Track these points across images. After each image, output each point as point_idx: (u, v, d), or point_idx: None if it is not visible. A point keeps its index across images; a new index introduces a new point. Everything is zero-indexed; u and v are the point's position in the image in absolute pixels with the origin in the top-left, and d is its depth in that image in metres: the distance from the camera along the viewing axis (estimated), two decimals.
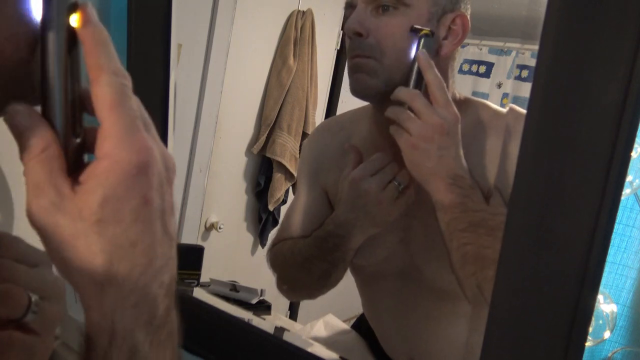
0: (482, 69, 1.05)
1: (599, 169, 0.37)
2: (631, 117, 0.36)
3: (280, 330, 0.72)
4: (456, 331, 0.65)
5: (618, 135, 0.36)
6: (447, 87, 0.61)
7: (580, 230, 0.38)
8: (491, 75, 1.04)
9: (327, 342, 0.79)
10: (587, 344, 0.50)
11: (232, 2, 1.07)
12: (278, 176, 1.30)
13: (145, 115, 0.31)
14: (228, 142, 1.22)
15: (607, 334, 0.56)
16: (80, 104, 0.30)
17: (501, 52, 1.03)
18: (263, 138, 1.26)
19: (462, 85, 1.06)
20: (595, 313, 0.53)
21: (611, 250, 0.53)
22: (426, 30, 0.57)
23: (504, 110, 0.62)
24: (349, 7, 0.62)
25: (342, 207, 0.63)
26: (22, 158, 0.28)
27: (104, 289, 0.28)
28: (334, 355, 0.68)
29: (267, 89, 1.27)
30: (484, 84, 1.07)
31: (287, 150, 1.28)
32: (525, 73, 0.94)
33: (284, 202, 1.33)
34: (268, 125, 1.26)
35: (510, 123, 0.58)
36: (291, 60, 1.24)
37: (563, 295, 0.40)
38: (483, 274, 0.55)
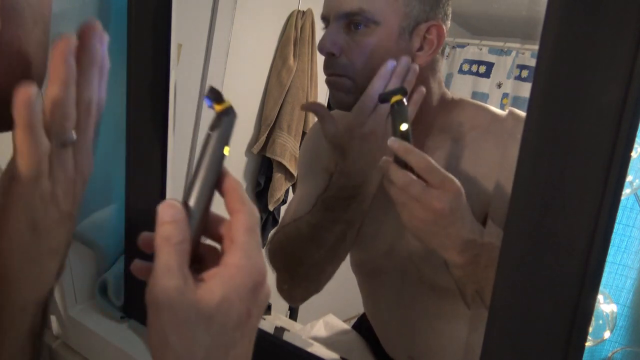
0: (482, 69, 1.05)
1: (599, 169, 0.37)
2: (631, 117, 0.36)
3: (280, 330, 0.72)
4: (455, 330, 0.65)
5: (618, 135, 0.36)
6: (431, 92, 0.61)
7: (580, 230, 0.38)
8: (491, 75, 1.04)
9: (327, 342, 0.79)
10: (587, 344, 0.50)
11: (232, 2, 1.07)
12: (278, 176, 1.31)
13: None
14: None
15: (607, 334, 0.56)
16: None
17: (501, 52, 1.03)
18: (263, 138, 1.27)
19: (462, 85, 1.06)
20: (595, 313, 0.53)
21: (611, 250, 0.53)
22: (397, 97, 0.52)
23: (504, 113, 0.61)
24: (324, 20, 0.62)
25: (349, 158, 0.62)
26: (158, 239, 0.33)
27: None
28: (334, 355, 0.68)
29: (267, 89, 1.27)
30: (484, 84, 1.07)
31: (287, 150, 1.28)
32: (525, 73, 0.94)
33: (284, 202, 1.33)
34: (268, 125, 1.26)
35: (510, 129, 0.57)
36: (291, 60, 1.24)
37: (563, 295, 0.40)
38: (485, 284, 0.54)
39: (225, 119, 0.38)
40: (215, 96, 0.38)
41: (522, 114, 0.40)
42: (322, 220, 0.67)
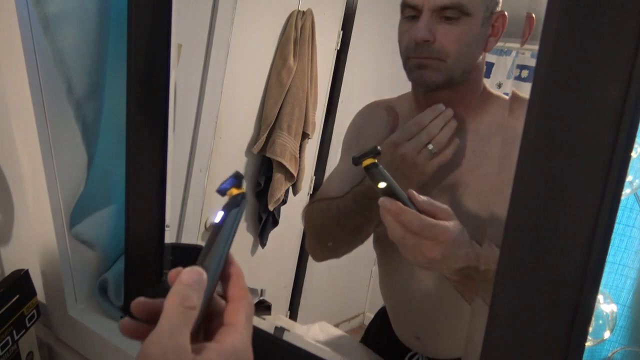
0: None
1: (599, 169, 0.37)
2: (631, 117, 0.36)
3: (280, 330, 0.72)
4: (462, 312, 0.67)
5: (618, 135, 0.36)
6: (482, 81, 0.70)
7: (580, 230, 0.38)
8: (491, 75, 1.04)
9: (325, 344, 0.80)
10: (587, 344, 0.50)
11: (232, 2, 1.07)
12: (278, 176, 1.30)
13: None
14: (228, 142, 1.22)
15: (607, 334, 0.56)
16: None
17: (501, 52, 1.03)
18: (263, 138, 1.26)
19: None
20: (595, 313, 0.53)
21: (611, 250, 0.53)
22: (368, 160, 0.55)
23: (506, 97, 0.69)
24: (412, 9, 0.68)
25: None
26: (172, 297, 0.35)
27: None
28: (334, 355, 0.68)
29: (267, 89, 1.26)
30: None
31: (287, 150, 1.28)
32: (525, 73, 0.94)
33: (284, 202, 1.33)
34: (268, 125, 1.26)
35: (510, 105, 0.63)
36: (291, 60, 1.24)
37: (563, 295, 0.40)
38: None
39: (243, 201, 0.41)
40: (239, 181, 0.41)
41: (524, 95, 0.44)
42: (348, 208, 0.75)
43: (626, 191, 0.54)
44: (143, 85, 0.71)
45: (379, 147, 0.57)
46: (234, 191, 0.41)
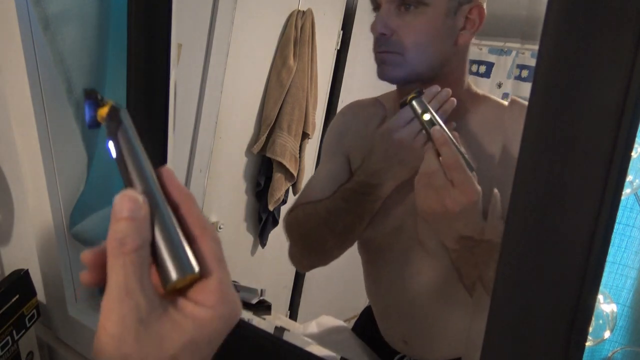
0: (482, 69, 1.05)
1: (599, 169, 0.37)
2: (631, 117, 0.36)
3: (280, 330, 0.72)
4: (451, 316, 0.67)
5: (618, 135, 0.36)
6: (464, 73, 0.67)
7: (580, 230, 0.38)
8: (491, 75, 1.04)
9: (322, 342, 0.80)
10: (587, 344, 0.50)
11: (232, 2, 1.07)
12: (278, 176, 1.30)
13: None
14: (228, 142, 1.22)
15: (607, 334, 0.56)
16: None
17: (501, 52, 1.03)
18: (263, 138, 1.26)
19: None
20: (595, 313, 0.53)
21: (611, 250, 0.53)
22: (412, 94, 0.58)
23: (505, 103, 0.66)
24: (373, 2, 0.67)
25: (374, 158, 0.68)
26: (110, 251, 0.28)
27: None
28: (333, 355, 0.68)
29: (267, 89, 1.26)
30: (484, 84, 1.06)
31: (287, 150, 1.28)
32: (525, 73, 0.94)
33: (284, 202, 1.33)
34: (268, 125, 1.26)
35: (508, 115, 0.61)
36: (291, 60, 1.24)
37: (563, 295, 0.40)
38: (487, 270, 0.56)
39: (121, 111, 0.33)
40: (94, 98, 0.32)
41: (524, 102, 0.42)
42: (337, 208, 0.72)
43: (626, 191, 0.54)
44: (143, 85, 0.71)
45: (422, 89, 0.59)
46: (103, 111, 0.32)
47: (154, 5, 0.68)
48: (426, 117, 0.57)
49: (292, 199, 1.31)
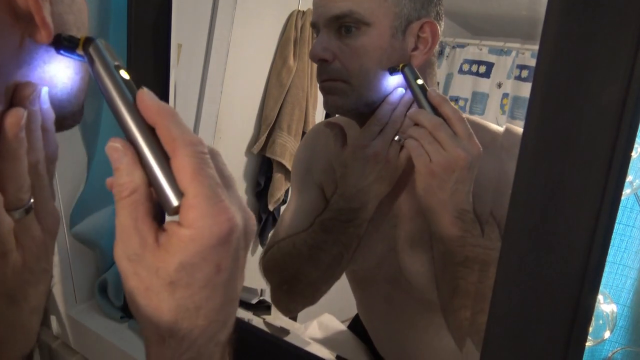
0: (482, 69, 1.05)
1: (599, 169, 0.37)
2: (631, 117, 0.36)
3: (280, 330, 0.72)
4: (444, 343, 0.64)
5: (618, 135, 0.36)
6: None
7: (580, 230, 0.38)
8: (491, 75, 1.04)
9: (323, 342, 0.79)
10: (587, 344, 0.50)
11: (232, 2, 1.07)
12: (278, 176, 1.30)
13: (226, 172, 0.32)
14: (228, 142, 1.22)
15: (607, 334, 0.56)
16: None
17: (501, 52, 1.03)
18: (263, 138, 1.26)
19: (462, 85, 1.05)
20: (595, 313, 0.53)
21: (611, 250, 0.53)
22: (402, 63, 0.57)
23: (500, 130, 0.61)
24: (314, 28, 0.61)
25: (349, 180, 0.62)
26: (114, 197, 0.30)
27: (164, 341, 0.30)
28: (333, 355, 0.68)
29: (267, 89, 1.27)
30: (484, 84, 1.06)
31: (287, 150, 1.28)
32: (525, 73, 0.93)
33: (284, 202, 1.33)
34: (268, 125, 1.26)
35: (507, 146, 0.57)
36: (291, 60, 1.24)
37: (563, 295, 0.40)
38: (475, 311, 0.55)
39: (95, 42, 0.32)
40: (71, 42, 0.32)
41: (519, 130, 0.40)
42: (319, 241, 0.66)
43: (626, 191, 0.54)
44: (143, 85, 0.71)
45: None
46: (79, 49, 0.32)
47: (153, 5, 0.68)
48: (419, 82, 0.56)
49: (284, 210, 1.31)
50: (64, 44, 0.32)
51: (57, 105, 0.35)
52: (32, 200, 0.33)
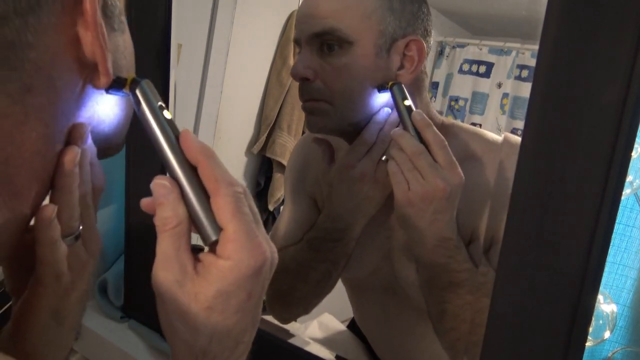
0: (482, 69, 1.05)
1: (599, 169, 0.37)
2: (631, 117, 0.36)
3: (280, 330, 0.72)
4: (441, 350, 0.64)
5: (618, 135, 0.36)
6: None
7: (580, 230, 0.38)
8: (491, 75, 1.04)
9: (323, 342, 0.79)
10: (587, 344, 0.49)
11: (232, 2, 1.07)
12: (278, 176, 1.30)
13: (254, 209, 0.35)
14: (228, 142, 1.22)
15: (607, 334, 0.56)
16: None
17: (501, 52, 1.03)
18: (263, 138, 1.26)
19: (462, 85, 1.05)
20: (595, 313, 0.53)
21: (611, 250, 0.53)
22: (392, 82, 0.55)
23: (499, 140, 0.59)
24: (297, 45, 0.60)
25: (336, 200, 0.61)
26: (157, 227, 0.33)
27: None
28: (333, 355, 0.68)
29: (267, 89, 1.27)
30: (484, 84, 1.06)
31: (287, 150, 1.28)
32: (525, 73, 0.93)
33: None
34: (268, 125, 1.26)
35: (504, 156, 0.56)
36: (291, 60, 1.24)
37: (563, 295, 0.40)
38: (467, 331, 0.54)
39: (139, 86, 0.36)
40: (118, 82, 0.35)
41: (517, 139, 0.39)
42: (307, 259, 0.66)
43: (626, 191, 0.54)
44: None
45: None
46: (126, 87, 0.35)
47: (153, 5, 0.68)
48: (407, 102, 0.54)
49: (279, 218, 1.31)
50: (113, 85, 0.35)
51: (104, 139, 0.38)
52: (81, 228, 0.37)
